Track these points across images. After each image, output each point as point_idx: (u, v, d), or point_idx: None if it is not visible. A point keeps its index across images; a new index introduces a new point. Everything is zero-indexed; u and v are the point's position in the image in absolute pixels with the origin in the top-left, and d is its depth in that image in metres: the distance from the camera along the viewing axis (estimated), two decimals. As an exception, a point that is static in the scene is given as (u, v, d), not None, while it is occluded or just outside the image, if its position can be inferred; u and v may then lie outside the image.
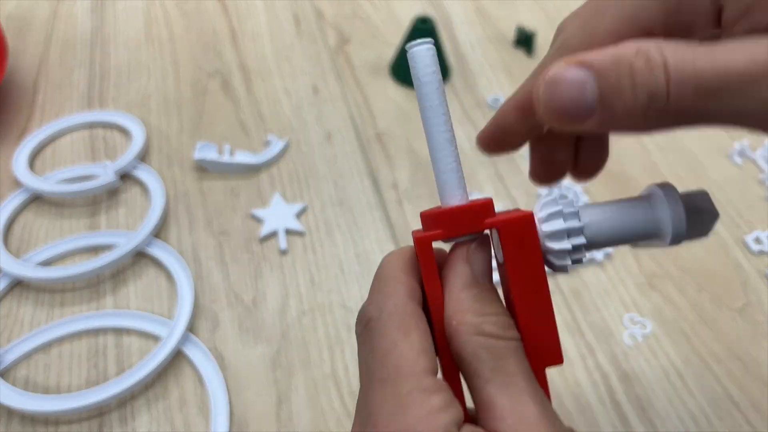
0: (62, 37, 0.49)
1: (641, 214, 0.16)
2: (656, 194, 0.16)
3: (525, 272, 0.15)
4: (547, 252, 0.16)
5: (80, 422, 0.30)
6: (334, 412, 0.30)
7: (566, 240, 0.16)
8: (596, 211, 0.16)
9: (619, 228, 0.16)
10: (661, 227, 0.16)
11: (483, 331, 0.15)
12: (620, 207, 0.16)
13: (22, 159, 0.40)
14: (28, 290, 0.34)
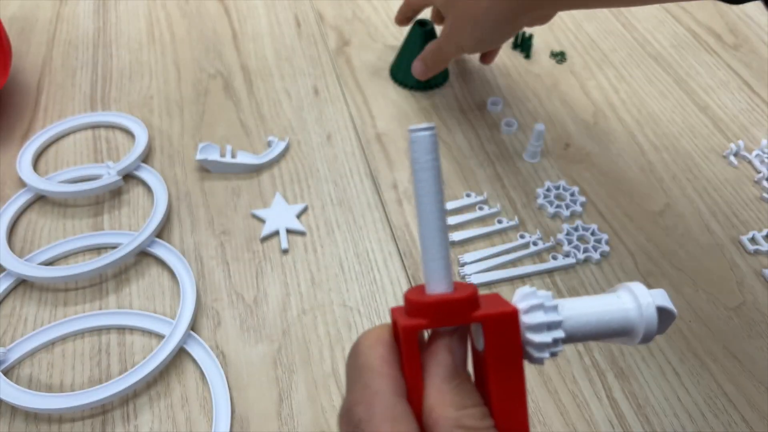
0: (65, 39, 0.50)
1: (617, 314, 0.17)
2: (630, 297, 0.17)
3: (504, 363, 0.16)
4: (527, 343, 0.16)
5: (83, 420, 0.30)
6: (335, 410, 0.30)
7: (546, 332, 0.16)
8: (574, 307, 0.17)
9: (595, 326, 0.17)
10: (635, 329, 0.17)
11: (462, 425, 0.15)
12: (597, 305, 0.17)
13: (25, 159, 0.40)
14: (32, 289, 0.35)
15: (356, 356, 0.17)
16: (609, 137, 0.43)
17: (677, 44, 0.51)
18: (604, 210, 0.39)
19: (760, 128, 0.44)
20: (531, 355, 0.16)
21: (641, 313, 0.17)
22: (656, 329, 0.17)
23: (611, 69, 0.49)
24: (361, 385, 0.16)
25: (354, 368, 0.16)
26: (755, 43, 0.51)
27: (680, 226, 0.38)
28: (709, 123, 0.45)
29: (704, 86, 0.47)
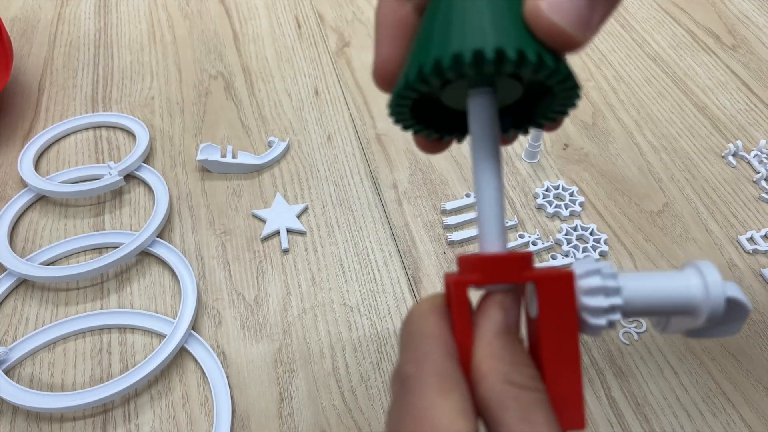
0: (66, 40, 0.50)
1: (678, 289, 0.16)
2: (695, 273, 0.16)
3: (558, 330, 0.15)
4: (583, 309, 0.15)
5: (84, 419, 0.30)
6: (335, 409, 0.30)
7: (603, 297, 0.15)
8: (634, 277, 0.16)
9: (655, 298, 0.16)
10: (698, 308, 0.16)
11: (512, 381, 0.14)
12: (658, 278, 0.16)
13: (27, 160, 0.40)
14: (33, 289, 0.35)
15: (408, 324, 0.16)
16: (608, 137, 0.44)
17: (676, 45, 0.51)
18: (602, 210, 0.39)
19: (759, 128, 0.44)
20: (586, 322, 0.15)
21: (707, 292, 0.15)
22: (723, 312, 0.15)
23: (610, 69, 0.49)
24: (413, 347, 0.15)
25: (406, 335, 0.16)
26: (753, 44, 0.51)
27: (679, 226, 0.38)
28: (707, 123, 0.45)
29: (703, 87, 0.47)
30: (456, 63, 0.14)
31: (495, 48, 0.14)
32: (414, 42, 0.16)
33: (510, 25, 0.14)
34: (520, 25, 0.14)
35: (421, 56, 0.15)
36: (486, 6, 0.15)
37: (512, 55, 0.14)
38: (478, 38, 0.14)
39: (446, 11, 0.15)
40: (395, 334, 0.33)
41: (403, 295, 0.35)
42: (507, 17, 0.14)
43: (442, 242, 0.37)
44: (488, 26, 0.14)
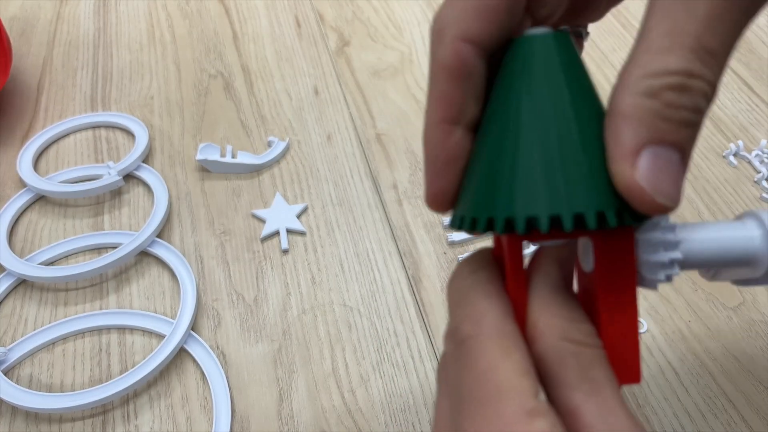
0: (65, 39, 0.50)
1: (739, 241, 0.15)
2: (756, 224, 0.16)
3: (615, 285, 0.15)
4: (641, 264, 0.15)
5: (84, 420, 0.30)
6: (335, 410, 0.30)
7: (662, 252, 0.15)
8: (694, 230, 0.15)
9: (715, 251, 0.15)
10: (759, 259, 0.15)
11: (571, 338, 0.14)
12: (718, 230, 0.16)
13: (26, 160, 0.40)
14: (32, 289, 0.35)
15: (459, 279, 0.16)
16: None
17: (677, 45, 0.51)
18: (603, 210, 0.39)
19: (760, 128, 0.44)
20: (644, 276, 0.15)
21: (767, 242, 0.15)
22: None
23: (611, 69, 0.49)
24: (468, 304, 0.15)
25: (457, 291, 0.15)
26: (754, 44, 0.51)
27: (680, 226, 0.38)
28: (708, 123, 0.45)
29: (704, 86, 0.47)
30: (529, 225, 0.13)
31: (574, 213, 0.13)
32: (475, 171, 0.15)
33: (586, 175, 0.13)
34: (596, 171, 0.13)
35: (487, 205, 0.14)
36: (556, 144, 0.14)
37: (592, 223, 0.13)
38: (554, 200, 0.13)
39: (512, 145, 0.14)
40: (395, 334, 0.33)
41: (403, 295, 0.35)
42: (581, 160, 0.13)
43: (442, 242, 0.37)
44: (562, 181, 0.13)
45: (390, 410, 0.30)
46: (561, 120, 0.14)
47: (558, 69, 0.14)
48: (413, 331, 0.33)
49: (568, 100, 0.14)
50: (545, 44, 0.15)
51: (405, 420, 0.30)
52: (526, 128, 0.14)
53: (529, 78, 0.14)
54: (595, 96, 0.15)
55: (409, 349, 0.32)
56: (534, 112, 0.14)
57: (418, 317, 0.34)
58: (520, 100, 0.14)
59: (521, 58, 0.15)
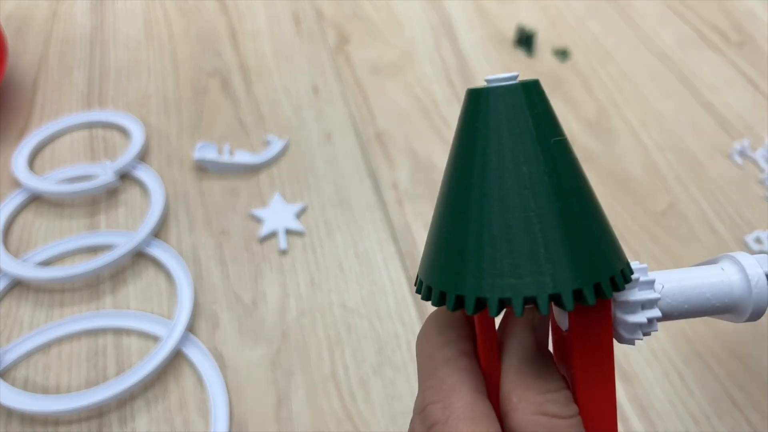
0: (62, 37, 0.49)
1: (720, 289, 0.15)
2: (735, 268, 0.15)
3: (592, 346, 0.14)
4: (618, 324, 0.15)
5: (80, 422, 0.30)
6: (334, 412, 0.30)
7: (640, 312, 0.14)
8: (672, 280, 0.15)
9: (695, 303, 0.15)
10: (741, 306, 0.15)
11: (546, 411, 0.13)
12: (698, 279, 0.15)
13: (21, 159, 0.40)
14: (28, 290, 0.34)
15: (426, 342, 0.15)
16: (612, 136, 0.43)
17: (681, 42, 0.50)
18: (607, 210, 0.38)
19: (765, 127, 0.44)
20: (622, 335, 0.15)
21: (749, 288, 0.14)
22: (766, 306, 0.15)
23: (614, 67, 0.48)
24: (437, 380, 0.14)
25: (427, 358, 0.15)
26: (760, 41, 0.50)
27: (684, 226, 0.38)
28: (713, 122, 0.44)
29: (708, 85, 0.47)
30: (501, 306, 0.13)
31: (550, 294, 0.12)
32: (441, 235, 0.14)
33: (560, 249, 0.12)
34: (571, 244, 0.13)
35: (456, 281, 0.13)
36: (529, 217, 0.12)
37: (570, 304, 0.12)
38: (527, 280, 0.12)
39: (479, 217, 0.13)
40: (396, 336, 0.33)
41: (404, 296, 0.34)
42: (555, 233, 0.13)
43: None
44: (535, 259, 0.12)
45: (390, 414, 0.30)
46: (534, 190, 0.13)
47: (529, 129, 0.13)
48: (414, 333, 0.33)
49: (543, 167, 0.13)
50: (513, 97, 0.13)
51: (405, 423, 0.29)
52: (496, 199, 0.13)
53: (498, 140, 0.13)
54: (570, 157, 0.14)
55: (410, 352, 0.32)
56: (503, 182, 0.13)
57: (419, 319, 0.33)
58: (487, 165, 0.13)
59: (485, 114, 0.14)
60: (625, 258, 0.14)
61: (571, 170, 0.14)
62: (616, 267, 0.13)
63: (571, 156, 0.14)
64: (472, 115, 0.14)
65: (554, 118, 0.14)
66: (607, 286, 0.13)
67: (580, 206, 0.13)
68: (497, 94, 0.14)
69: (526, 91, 0.14)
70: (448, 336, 0.15)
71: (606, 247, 0.13)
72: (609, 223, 0.14)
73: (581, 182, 0.14)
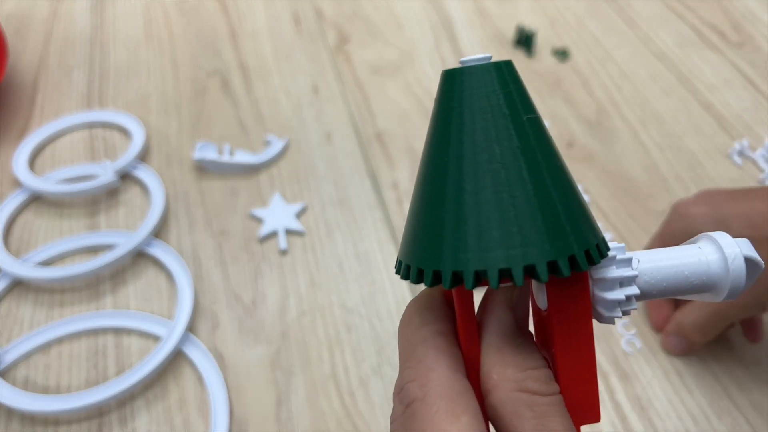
0: (62, 37, 0.49)
1: (698, 268, 0.15)
2: (713, 247, 0.15)
3: (571, 323, 0.14)
4: (597, 302, 0.15)
5: (80, 422, 0.30)
6: (334, 412, 0.30)
7: (618, 289, 0.14)
8: (651, 260, 0.15)
9: (673, 282, 0.15)
10: (719, 285, 0.15)
11: (526, 388, 0.13)
12: (676, 258, 0.15)
13: (21, 159, 0.40)
14: (28, 290, 0.34)
15: (407, 325, 0.15)
16: (612, 136, 0.43)
17: (681, 42, 0.50)
18: (607, 210, 0.39)
19: (765, 127, 0.44)
20: (600, 314, 0.15)
21: (727, 267, 0.14)
22: (744, 284, 0.14)
23: (614, 67, 0.48)
24: (415, 361, 0.14)
25: (406, 340, 0.15)
26: (759, 41, 0.50)
27: (684, 226, 0.38)
28: (713, 122, 0.44)
29: (708, 85, 0.47)
30: (478, 279, 0.13)
31: (525, 266, 0.13)
32: (419, 213, 0.14)
33: (535, 221, 0.13)
34: (547, 216, 0.13)
35: (433, 256, 0.13)
36: (502, 191, 0.13)
37: (544, 275, 0.13)
38: (502, 252, 0.13)
39: (455, 193, 0.13)
40: (396, 336, 0.33)
41: (404, 296, 0.34)
42: (530, 206, 0.13)
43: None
44: (510, 230, 0.13)
45: (390, 413, 0.30)
46: (507, 166, 0.13)
47: (501, 107, 0.13)
48: (413, 333, 0.33)
49: (515, 143, 0.13)
50: (485, 76, 0.14)
51: (405, 423, 0.29)
52: (470, 175, 0.13)
53: (471, 119, 0.13)
54: (542, 134, 0.14)
55: (409, 351, 0.32)
56: (477, 158, 0.13)
57: (419, 319, 0.33)
58: (462, 144, 0.13)
59: (459, 93, 0.14)
60: (600, 234, 0.14)
61: (543, 146, 0.14)
62: (591, 241, 0.14)
63: (544, 133, 0.14)
64: (447, 94, 0.14)
65: (526, 96, 0.14)
66: (582, 258, 0.13)
67: (553, 181, 0.13)
68: (470, 74, 0.14)
69: (498, 70, 0.14)
70: (427, 317, 0.15)
71: (580, 222, 0.14)
72: (584, 200, 0.14)
73: (554, 158, 0.14)
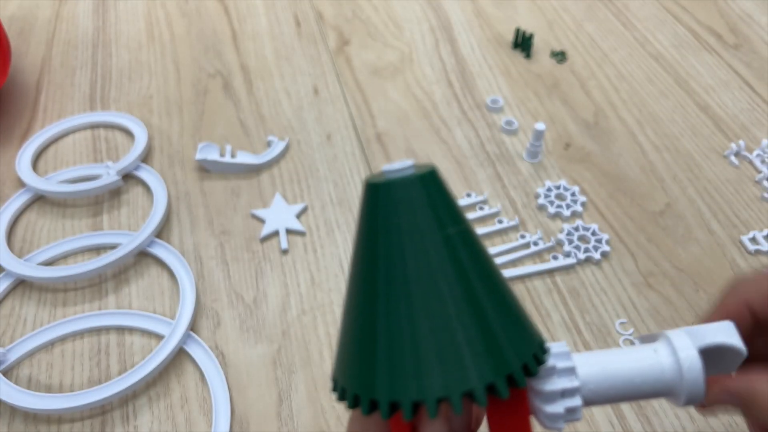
0: (64, 39, 0.50)
1: (649, 375, 0.13)
2: (668, 350, 0.14)
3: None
4: (538, 413, 0.14)
5: (83, 420, 0.30)
6: (334, 410, 0.30)
7: (559, 401, 0.13)
8: (597, 363, 0.14)
9: (621, 389, 0.14)
10: (674, 391, 0.14)
11: None
12: (625, 362, 0.14)
13: (25, 159, 0.40)
14: (31, 290, 0.35)
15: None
16: (610, 137, 0.43)
17: (678, 44, 0.51)
18: (604, 210, 0.39)
19: (761, 128, 0.44)
20: (543, 423, 0.14)
21: (681, 373, 0.13)
22: (703, 390, 0.13)
23: (612, 68, 0.48)
24: None
25: None
26: (756, 43, 0.50)
27: (681, 226, 0.38)
28: (709, 123, 0.44)
29: (705, 86, 0.47)
30: (416, 409, 0.12)
31: (462, 393, 0.12)
32: (351, 333, 0.13)
33: (467, 343, 0.12)
34: (478, 336, 0.12)
35: (368, 383, 0.13)
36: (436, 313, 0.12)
37: (483, 400, 0.12)
38: (440, 380, 0.12)
39: (388, 318, 0.12)
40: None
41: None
42: (464, 329, 0.12)
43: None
44: (443, 357, 0.12)
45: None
46: (433, 291, 0.12)
47: (418, 225, 0.13)
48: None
49: (442, 264, 0.12)
50: (406, 191, 0.13)
51: (405, 421, 0.30)
52: (400, 302, 0.12)
53: (389, 238, 0.13)
54: (470, 245, 0.13)
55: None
56: (405, 285, 0.12)
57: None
58: (388, 268, 0.13)
59: (384, 209, 0.13)
60: (538, 337, 0.13)
61: (472, 261, 0.13)
62: (527, 353, 0.13)
63: (471, 244, 0.13)
64: (369, 210, 0.13)
65: (451, 207, 0.13)
66: (520, 375, 0.12)
67: (485, 297, 0.13)
68: (390, 188, 0.13)
69: (420, 183, 0.13)
70: (364, 428, 0.14)
71: (515, 333, 0.13)
72: (519, 303, 0.14)
73: (484, 271, 0.13)
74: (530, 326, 0.14)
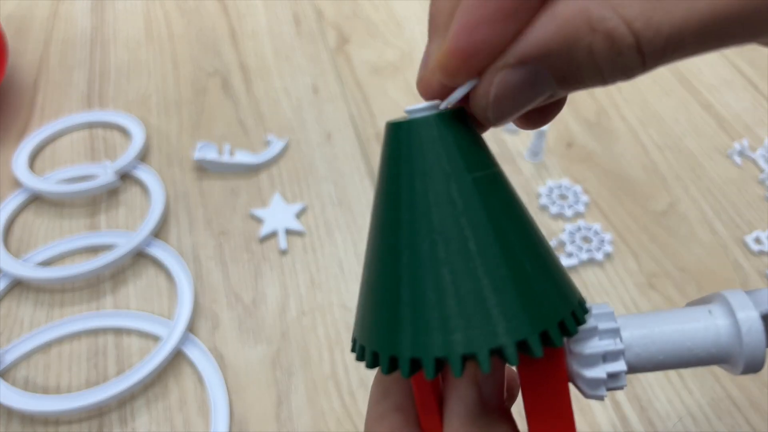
0: (62, 37, 0.49)
1: (703, 337, 0.12)
2: (724, 310, 0.12)
3: (545, 404, 0.12)
4: (577, 379, 0.13)
5: (80, 422, 0.30)
6: (334, 412, 0.30)
7: (601, 365, 0.12)
8: (644, 325, 0.12)
9: (671, 354, 0.12)
10: (731, 357, 0.12)
11: None
12: (676, 323, 0.12)
13: (22, 159, 0.40)
14: (28, 290, 0.34)
15: (371, 396, 0.14)
16: (612, 136, 0.43)
17: (680, 42, 0.50)
18: (607, 210, 0.39)
19: (764, 127, 0.44)
20: (583, 391, 0.13)
21: (739, 335, 0.12)
22: (763, 358, 0.12)
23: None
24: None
25: (368, 413, 0.14)
26: (759, 41, 0.50)
27: (684, 226, 0.38)
28: (712, 122, 0.44)
29: (708, 85, 0.47)
30: (439, 367, 0.11)
31: (490, 349, 0.11)
32: (372, 287, 0.12)
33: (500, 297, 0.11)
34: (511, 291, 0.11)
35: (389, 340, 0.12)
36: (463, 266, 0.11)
37: (513, 359, 0.11)
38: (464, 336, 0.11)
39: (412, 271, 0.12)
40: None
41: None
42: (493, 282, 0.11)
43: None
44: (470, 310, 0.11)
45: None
46: (451, 237, 0.11)
47: (444, 168, 0.12)
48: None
49: (476, 207, 0.11)
50: (429, 132, 0.12)
51: (405, 423, 0.30)
52: (425, 253, 0.11)
53: (412, 181, 0.12)
54: (500, 190, 0.12)
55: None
56: (431, 234, 0.11)
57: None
58: (412, 216, 0.12)
59: (403, 151, 0.12)
60: (577, 296, 0.12)
61: (503, 207, 0.12)
62: (565, 308, 0.12)
63: (502, 188, 0.12)
64: (391, 152, 0.13)
65: (478, 149, 0.12)
66: (556, 333, 0.11)
67: (517, 246, 0.12)
68: (411, 129, 0.12)
69: (442, 123, 0.12)
70: (388, 388, 0.14)
71: (551, 286, 0.12)
72: (555, 257, 0.13)
73: (517, 218, 0.12)
74: (569, 282, 0.12)
